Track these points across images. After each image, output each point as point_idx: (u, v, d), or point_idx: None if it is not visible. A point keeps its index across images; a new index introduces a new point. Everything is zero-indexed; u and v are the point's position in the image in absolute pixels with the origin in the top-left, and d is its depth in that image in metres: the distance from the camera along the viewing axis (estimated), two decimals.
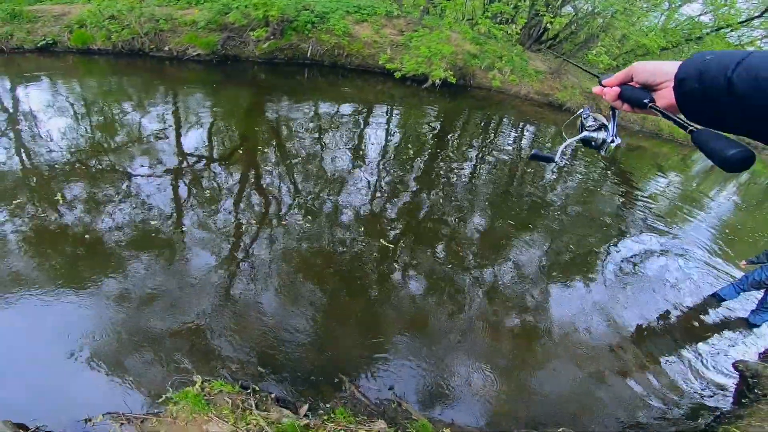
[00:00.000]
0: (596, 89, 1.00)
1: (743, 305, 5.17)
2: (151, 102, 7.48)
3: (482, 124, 9.88)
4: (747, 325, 5.03)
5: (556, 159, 1.16)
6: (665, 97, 0.81)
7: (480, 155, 7.77)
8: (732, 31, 15.66)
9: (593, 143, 1.10)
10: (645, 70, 0.86)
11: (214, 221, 4.64)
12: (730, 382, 4.10)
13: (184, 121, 6.81)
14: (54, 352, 3.10)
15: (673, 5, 15.58)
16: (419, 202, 5.67)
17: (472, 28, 12.57)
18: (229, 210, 4.85)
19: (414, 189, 5.97)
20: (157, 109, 7.14)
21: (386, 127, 8.01)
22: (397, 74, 10.16)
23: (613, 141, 1.06)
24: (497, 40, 12.19)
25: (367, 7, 11.79)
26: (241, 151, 6.04)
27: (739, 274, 5.68)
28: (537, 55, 14.06)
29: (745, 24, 15.16)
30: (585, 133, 1.12)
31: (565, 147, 1.18)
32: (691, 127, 0.73)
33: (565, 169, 8.23)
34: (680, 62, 0.76)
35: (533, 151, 1.16)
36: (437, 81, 10.38)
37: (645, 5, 13.79)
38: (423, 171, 6.49)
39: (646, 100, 0.85)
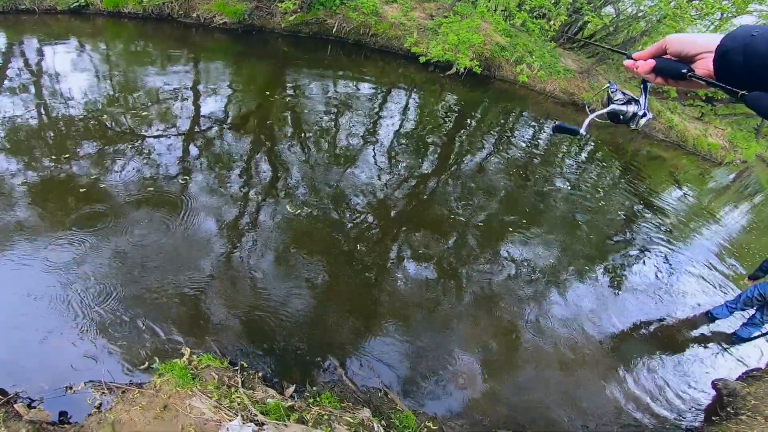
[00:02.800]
0: (628, 62, 0.98)
1: (733, 324, 5.14)
2: (173, 66, 7.48)
3: (501, 116, 9.68)
4: (733, 339, 5.04)
5: (582, 131, 1.11)
6: (702, 68, 0.82)
7: (494, 148, 7.64)
8: None
9: (621, 117, 1.08)
10: (680, 41, 0.87)
11: (219, 188, 4.66)
12: (706, 399, 4.10)
13: (203, 87, 6.80)
14: (37, 312, 3.07)
15: (726, 14, 14.94)
16: (427, 188, 5.62)
17: (505, 19, 12.24)
18: (236, 178, 4.86)
19: (423, 175, 5.91)
20: (178, 74, 7.14)
21: (403, 110, 7.89)
22: (422, 59, 9.96)
23: (645, 114, 1.04)
24: (531, 34, 11.84)
25: None
26: (255, 121, 6.03)
27: (738, 292, 5.62)
28: (569, 54, 13.65)
29: None
30: (613, 106, 1.09)
31: (592, 120, 1.13)
32: (742, 92, 0.74)
33: (579, 171, 8.05)
34: (719, 35, 0.78)
35: (557, 123, 1.14)
36: (462, 69, 10.16)
37: (695, 13, 13.27)
38: (435, 158, 6.41)
39: (684, 71, 0.85)
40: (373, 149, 6.07)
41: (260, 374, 2.86)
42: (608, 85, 1.15)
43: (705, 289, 5.73)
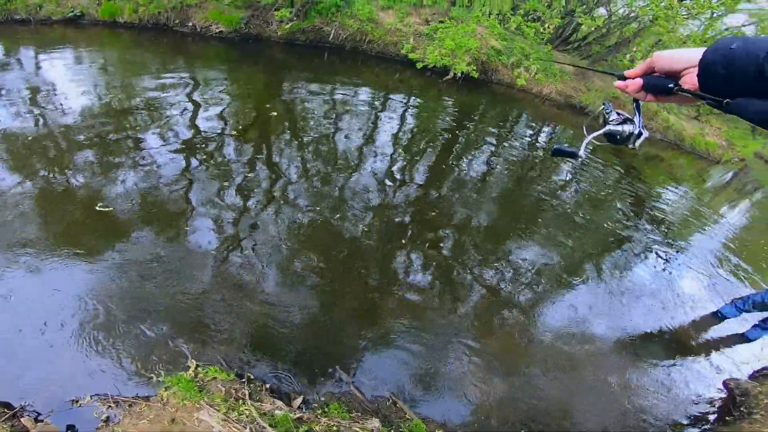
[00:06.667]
0: (619, 83, 1.01)
1: (742, 325, 5.06)
2: (171, 76, 7.48)
3: (499, 120, 9.70)
4: (743, 339, 4.96)
5: (581, 153, 1.10)
6: (687, 82, 0.85)
7: (493, 151, 7.64)
8: None
9: (618, 137, 1.09)
10: (666, 58, 0.90)
11: (221, 197, 4.64)
12: (719, 399, 4.04)
13: (201, 97, 6.79)
14: (42, 324, 3.05)
15: (716, 13, 15.05)
16: (427, 193, 5.61)
17: (501, 23, 12.30)
18: (237, 187, 4.84)
19: (422, 179, 5.90)
20: (176, 83, 7.14)
21: (402, 115, 7.89)
22: (419, 65, 9.99)
23: (641, 133, 1.06)
24: (526, 37, 11.90)
25: None
26: (254, 129, 6.02)
27: (743, 291, 5.56)
28: (564, 56, 13.72)
29: None
30: (609, 127, 1.10)
31: (588, 142, 1.13)
32: (726, 101, 0.77)
33: (578, 174, 8.05)
34: (701, 49, 0.80)
35: (555, 146, 1.12)
36: (459, 74, 10.19)
37: (685, 12, 13.39)
38: (434, 162, 6.40)
39: (671, 85, 0.87)
40: (374, 155, 6.06)
41: (267, 386, 2.82)
42: (603, 106, 1.16)
43: (709, 288, 5.70)
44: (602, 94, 12.82)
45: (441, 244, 4.75)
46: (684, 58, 0.86)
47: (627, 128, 1.08)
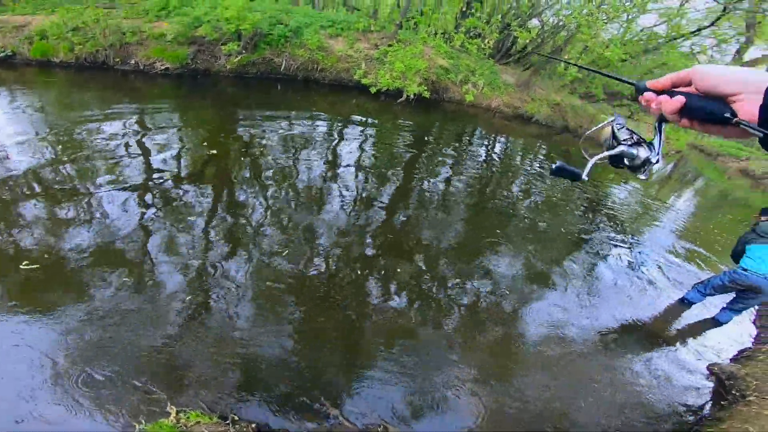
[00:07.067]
0: (647, 97, 0.81)
1: (709, 309, 5.33)
2: (115, 115, 7.21)
3: (455, 137, 10.05)
4: (715, 323, 5.15)
5: (584, 177, 0.92)
6: (740, 111, 0.69)
7: (453, 169, 7.90)
8: (685, 40, 16.51)
9: (627, 161, 0.90)
10: (712, 75, 0.72)
11: (183, 240, 4.50)
12: (707, 385, 4.20)
13: (152, 137, 6.58)
14: (11, 380, 2.92)
15: (630, 15, 16.19)
16: (394, 216, 5.71)
17: (446, 42, 12.78)
18: (200, 228, 4.73)
19: (389, 203, 6.00)
20: (123, 124, 6.88)
21: (361, 141, 8.01)
22: (373, 89, 10.22)
23: (658, 161, 0.86)
24: (470, 54, 12.44)
25: (341, 21, 11.83)
26: (210, 168, 5.91)
27: (702, 276, 5.94)
28: (506, 68, 14.42)
29: (695, 34, 16.00)
30: (622, 148, 0.89)
31: (595, 162, 0.96)
32: None
33: (532, 183, 8.47)
34: (762, 72, 0.68)
35: (558, 163, 0.92)
36: (411, 96, 10.50)
37: (604, 17, 14.27)
38: (398, 186, 6.54)
39: (727, 114, 0.69)
40: (337, 185, 6.11)
41: (253, 425, 2.79)
42: (612, 118, 0.96)
43: (671, 277, 6.05)
44: (545, 102, 13.55)
45: (413, 266, 4.84)
46: (737, 80, 0.69)
47: (642, 153, 0.88)
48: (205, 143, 6.67)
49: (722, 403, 3.88)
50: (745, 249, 4.86)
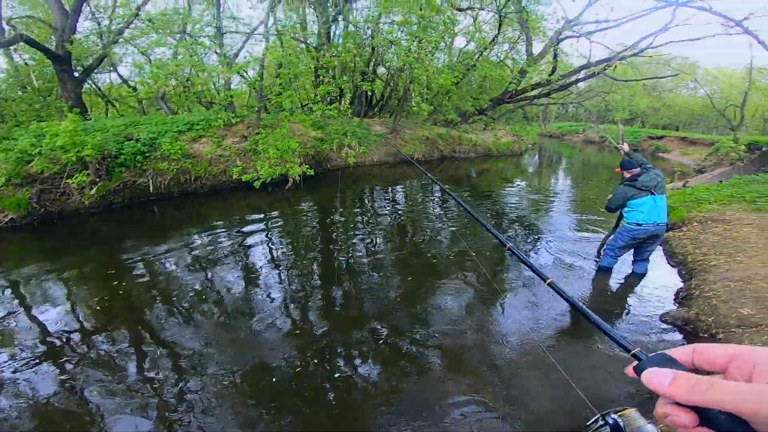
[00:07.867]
0: (657, 386, 0.56)
1: (624, 266, 5.75)
2: None
3: (357, 201, 10.13)
4: (638, 277, 5.46)
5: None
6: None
7: (368, 230, 7.88)
8: (489, 51, 19.27)
9: None
10: (740, 356, 0.53)
11: (120, 389, 3.62)
12: (672, 336, 4.26)
13: (33, 302, 5.28)
14: None
15: (445, 43, 18.28)
16: (330, 294, 5.41)
17: (310, 114, 13.07)
18: (133, 378, 3.86)
19: (321, 283, 5.72)
20: None
21: (268, 240, 7.54)
22: (256, 184, 9.82)
23: None
24: (335, 118, 12.88)
25: (199, 121, 11.30)
26: (116, 315, 4.88)
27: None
28: (373, 121, 15.25)
29: (492, 42, 18.86)
30: None
31: None
32: None
33: (444, 211, 8.85)
34: None
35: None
36: (297, 178, 10.37)
37: (429, 48, 15.59)
38: (322, 267, 6.25)
39: None
40: (261, 290, 5.55)
41: None
42: (604, 415, 0.97)
43: (581, 250, 6.61)
44: (417, 140, 14.49)
45: (370, 335, 4.52)
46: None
47: None
48: (98, 290, 5.54)
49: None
50: (627, 204, 5.12)
